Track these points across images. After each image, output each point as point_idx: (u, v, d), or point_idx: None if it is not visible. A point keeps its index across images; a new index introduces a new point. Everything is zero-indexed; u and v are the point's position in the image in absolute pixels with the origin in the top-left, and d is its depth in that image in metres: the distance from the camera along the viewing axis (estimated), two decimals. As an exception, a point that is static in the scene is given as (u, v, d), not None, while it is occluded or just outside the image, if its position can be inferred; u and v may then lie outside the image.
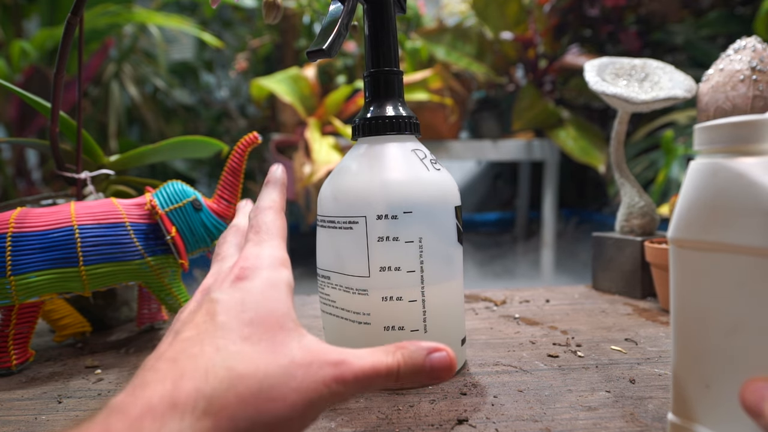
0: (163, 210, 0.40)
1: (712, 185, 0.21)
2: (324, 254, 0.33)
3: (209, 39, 1.43)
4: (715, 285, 0.21)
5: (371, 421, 0.27)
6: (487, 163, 2.31)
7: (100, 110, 1.65)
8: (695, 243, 0.22)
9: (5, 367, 0.37)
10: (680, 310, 0.23)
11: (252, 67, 1.85)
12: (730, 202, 0.20)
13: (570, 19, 1.60)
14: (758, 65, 0.41)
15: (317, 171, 1.31)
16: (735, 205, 0.20)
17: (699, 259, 0.22)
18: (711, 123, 0.21)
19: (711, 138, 0.21)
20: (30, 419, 0.29)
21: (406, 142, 0.32)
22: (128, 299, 0.49)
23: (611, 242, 0.53)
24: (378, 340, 0.30)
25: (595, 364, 0.34)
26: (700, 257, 0.21)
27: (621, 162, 0.53)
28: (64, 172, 0.44)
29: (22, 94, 0.43)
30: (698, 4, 1.54)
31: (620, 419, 0.27)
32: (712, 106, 0.43)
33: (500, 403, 0.29)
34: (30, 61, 1.30)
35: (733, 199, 0.20)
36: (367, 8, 0.32)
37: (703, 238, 0.21)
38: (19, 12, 1.59)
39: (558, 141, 1.54)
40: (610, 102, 0.49)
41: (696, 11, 1.53)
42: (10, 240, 0.36)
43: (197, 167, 1.98)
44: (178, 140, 0.49)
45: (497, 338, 0.40)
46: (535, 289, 0.56)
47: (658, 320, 0.44)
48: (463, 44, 1.59)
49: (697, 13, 1.52)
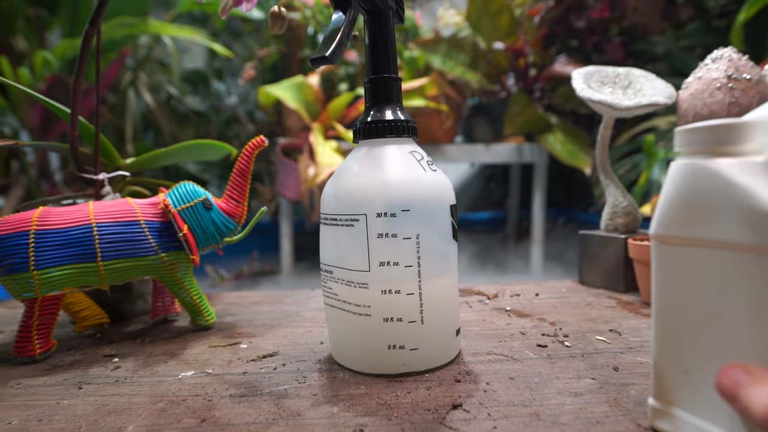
0: (175, 209, 0.40)
1: (691, 184, 0.21)
2: (327, 250, 0.33)
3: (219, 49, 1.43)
4: (694, 278, 0.21)
5: (371, 407, 0.27)
6: (480, 165, 2.31)
7: (117, 116, 1.64)
8: (676, 239, 0.22)
9: (29, 356, 0.36)
10: (661, 302, 0.23)
11: (259, 75, 1.85)
12: (708, 200, 0.20)
13: (558, 30, 1.60)
14: (734, 74, 0.41)
15: (321, 173, 1.31)
16: (713, 203, 0.20)
17: (679, 254, 0.22)
18: (691, 126, 0.21)
19: (691, 140, 0.21)
20: (52, 404, 0.29)
21: (405, 145, 0.32)
22: (143, 293, 0.49)
23: (596, 240, 0.53)
24: (377, 331, 0.30)
25: (581, 353, 0.34)
26: (681, 252, 0.21)
27: (606, 164, 0.53)
28: (83, 173, 0.44)
29: (44, 101, 0.43)
30: (677, 17, 1.54)
31: (604, 404, 0.27)
32: (691, 112, 0.43)
33: (492, 389, 0.29)
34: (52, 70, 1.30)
35: (712, 198, 0.20)
36: (367, 18, 0.32)
37: (683, 234, 0.21)
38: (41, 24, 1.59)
39: (547, 145, 1.54)
40: (596, 108, 0.49)
41: (675, 24, 1.53)
42: (33, 237, 0.36)
43: (208, 169, 1.97)
44: (190, 144, 0.49)
45: (489, 329, 0.40)
46: (525, 284, 0.56)
47: (640, 312, 0.44)
48: (458, 54, 1.59)
49: (676, 26, 1.53)
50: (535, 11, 1.60)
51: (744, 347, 0.20)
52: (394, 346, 0.31)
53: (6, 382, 0.33)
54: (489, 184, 2.35)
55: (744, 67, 0.41)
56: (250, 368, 0.34)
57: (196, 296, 0.42)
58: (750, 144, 0.20)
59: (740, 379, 0.18)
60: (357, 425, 0.25)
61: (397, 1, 0.33)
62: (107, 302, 0.46)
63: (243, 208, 0.43)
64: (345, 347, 0.33)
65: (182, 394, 0.30)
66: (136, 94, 1.73)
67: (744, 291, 0.19)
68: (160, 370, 0.34)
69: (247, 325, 0.44)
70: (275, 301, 0.53)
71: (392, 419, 0.26)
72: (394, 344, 0.31)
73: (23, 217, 0.37)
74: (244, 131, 2.02)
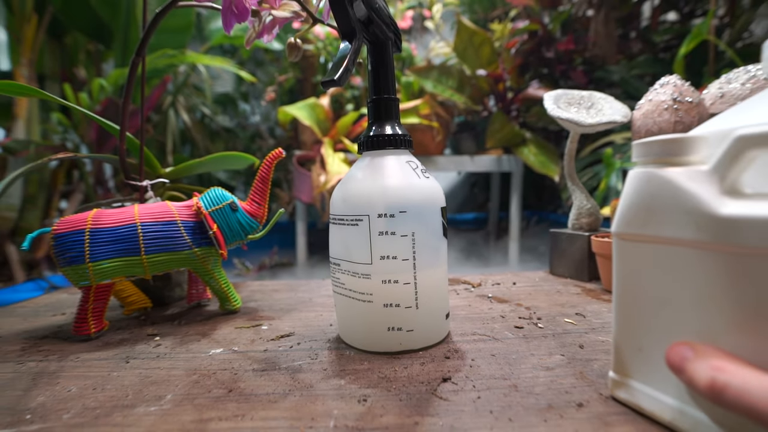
0: (206, 210, 0.40)
1: (647, 190, 0.21)
2: (335, 246, 0.33)
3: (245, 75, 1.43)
4: (648, 269, 0.21)
5: (373, 380, 0.27)
6: (465, 173, 2.31)
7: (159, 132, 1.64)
8: (634, 236, 0.21)
9: (85, 334, 0.36)
10: (620, 290, 0.23)
11: (279, 98, 1.85)
12: (661, 203, 0.20)
13: (531, 60, 1.60)
14: (678, 97, 0.41)
15: (330, 180, 1.31)
16: (665, 206, 0.20)
17: (636, 249, 0.21)
18: (646, 140, 0.21)
19: (646, 152, 0.21)
20: (104, 375, 0.29)
21: (402, 156, 0.32)
22: (180, 281, 0.49)
23: (564, 237, 0.53)
24: (378, 315, 0.30)
25: (552, 333, 0.34)
26: (638, 247, 0.21)
27: (572, 173, 0.53)
28: (130, 180, 0.43)
29: (99, 120, 0.43)
30: (630, 50, 1.55)
31: (572, 377, 0.26)
32: (643, 129, 0.43)
33: (477, 365, 0.29)
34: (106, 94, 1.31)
35: (663, 201, 0.20)
36: (370, 48, 0.32)
37: (640, 233, 0.21)
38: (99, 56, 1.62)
39: (522, 156, 1.53)
40: (564, 125, 0.48)
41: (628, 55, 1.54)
42: (88, 234, 0.36)
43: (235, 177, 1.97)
44: (220, 155, 0.49)
45: (474, 313, 0.40)
46: (505, 274, 0.56)
47: (602, 298, 0.44)
48: (447, 79, 1.58)
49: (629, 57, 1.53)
50: (512, 44, 1.60)
51: (689, 328, 0.19)
52: (393, 328, 0.30)
53: (67, 356, 0.33)
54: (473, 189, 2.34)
55: (686, 92, 0.41)
56: (269, 346, 0.34)
57: (224, 285, 0.42)
58: (695, 155, 0.20)
59: (686, 355, 0.18)
60: (361, 396, 0.25)
61: (395, 33, 0.33)
62: (150, 289, 0.46)
63: (264, 210, 0.43)
64: (351, 329, 0.33)
65: (212, 368, 0.30)
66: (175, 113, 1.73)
67: (690, 280, 0.19)
68: (194, 348, 0.34)
69: (267, 310, 0.44)
70: (291, 289, 0.53)
71: (391, 390, 0.26)
72: (392, 326, 0.30)
73: (80, 217, 0.36)
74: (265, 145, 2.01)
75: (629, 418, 0.22)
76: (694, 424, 0.19)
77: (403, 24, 1.73)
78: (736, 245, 0.17)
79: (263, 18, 0.37)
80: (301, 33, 0.37)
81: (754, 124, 0.18)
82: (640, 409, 0.22)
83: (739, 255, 0.17)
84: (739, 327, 0.18)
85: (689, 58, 1.29)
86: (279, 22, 0.37)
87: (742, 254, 0.17)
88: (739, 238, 0.17)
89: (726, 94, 0.40)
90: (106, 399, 0.26)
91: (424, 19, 1.91)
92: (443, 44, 1.83)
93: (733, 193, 0.18)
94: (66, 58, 1.57)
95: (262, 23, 0.37)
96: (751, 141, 0.17)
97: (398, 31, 0.33)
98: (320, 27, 0.36)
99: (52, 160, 0.42)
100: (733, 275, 0.18)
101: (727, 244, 0.17)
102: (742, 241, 0.17)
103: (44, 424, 0.23)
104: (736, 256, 0.17)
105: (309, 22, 0.36)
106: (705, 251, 0.18)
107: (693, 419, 0.19)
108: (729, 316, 0.18)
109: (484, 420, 0.22)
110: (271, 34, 0.38)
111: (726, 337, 0.18)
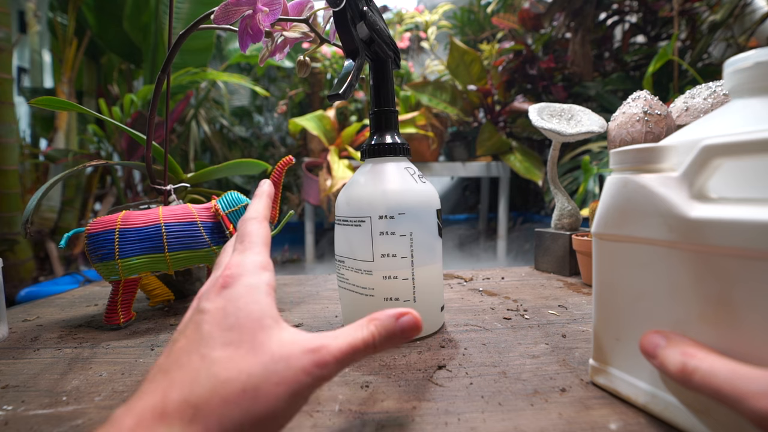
0: (224, 212, 0.40)
1: (623, 194, 0.20)
2: (340, 244, 0.32)
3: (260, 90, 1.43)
4: (625, 266, 0.21)
5: (374, 367, 0.27)
6: (458, 178, 2.30)
7: (182, 142, 1.64)
8: (612, 236, 0.21)
9: (115, 324, 0.36)
10: (599, 284, 0.22)
11: (289, 110, 1.85)
12: (636, 206, 0.20)
13: (516, 76, 1.60)
14: (648, 110, 0.41)
15: (336, 184, 1.31)
16: (639, 209, 0.19)
17: (614, 248, 0.21)
18: (622, 149, 0.21)
19: (622, 159, 0.21)
20: (131, 361, 0.29)
21: (401, 162, 0.32)
22: (200, 276, 0.49)
23: (548, 236, 0.53)
24: (380, 308, 0.30)
25: (537, 324, 0.34)
26: (615, 246, 0.21)
27: (554, 178, 0.53)
28: (156, 185, 0.43)
29: (129, 131, 0.43)
30: (604, 68, 1.56)
31: (555, 364, 0.26)
32: (618, 139, 0.43)
33: (469, 353, 0.29)
34: (136, 108, 1.31)
35: (638, 204, 0.20)
36: (372, 65, 0.32)
37: (618, 233, 0.21)
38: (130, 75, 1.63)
39: (509, 163, 1.53)
40: (547, 134, 0.48)
41: (603, 73, 1.55)
42: (117, 233, 0.35)
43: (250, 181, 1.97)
44: (236, 162, 0.49)
45: (467, 306, 0.40)
46: (494, 270, 0.56)
47: (582, 291, 0.43)
48: (441, 93, 1.58)
49: (603, 75, 1.54)
50: (499, 62, 1.60)
51: (662, 319, 0.19)
52: (392, 318, 0.30)
53: (98, 344, 0.33)
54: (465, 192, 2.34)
55: (656, 105, 0.41)
56: (282, 335, 0.33)
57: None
58: (666, 163, 0.20)
59: (659, 342, 0.18)
60: (363, 382, 0.25)
61: (394, 52, 0.32)
62: (173, 283, 0.46)
63: (275, 212, 0.43)
64: (354, 321, 0.32)
65: (230, 355, 0.29)
66: (197, 125, 1.73)
67: (662, 276, 0.19)
68: (213, 336, 0.34)
69: (278, 302, 0.44)
70: (300, 283, 0.52)
71: (391, 377, 0.25)
72: (392, 317, 0.30)
73: (111, 218, 0.36)
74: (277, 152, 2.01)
75: (607, 402, 0.22)
76: (665, 406, 0.19)
77: (402, 44, 1.73)
78: (703, 245, 0.17)
79: (276, 38, 0.37)
80: (310, 52, 0.37)
81: (718, 134, 0.18)
82: (617, 394, 0.22)
83: (705, 253, 0.17)
84: (704, 318, 0.17)
85: (657, 75, 1.30)
86: (290, 42, 0.37)
87: (708, 253, 0.17)
88: (705, 239, 0.17)
89: (690, 108, 0.40)
90: (133, 383, 0.26)
91: (420, 39, 1.91)
92: (437, 62, 1.83)
93: (700, 198, 0.18)
94: (101, 77, 1.58)
95: (274, 43, 0.37)
96: (716, 150, 0.17)
97: (397, 50, 0.33)
98: (327, 46, 0.36)
99: (87, 167, 0.42)
100: (700, 271, 0.17)
101: (694, 244, 0.17)
102: (707, 241, 0.17)
103: (78, 406, 0.23)
104: (702, 254, 0.17)
105: (317, 42, 0.36)
106: (675, 250, 0.18)
107: (664, 402, 0.19)
108: (696, 308, 0.18)
109: (476, 404, 0.22)
110: (282, 53, 0.38)
111: (694, 327, 0.18)
